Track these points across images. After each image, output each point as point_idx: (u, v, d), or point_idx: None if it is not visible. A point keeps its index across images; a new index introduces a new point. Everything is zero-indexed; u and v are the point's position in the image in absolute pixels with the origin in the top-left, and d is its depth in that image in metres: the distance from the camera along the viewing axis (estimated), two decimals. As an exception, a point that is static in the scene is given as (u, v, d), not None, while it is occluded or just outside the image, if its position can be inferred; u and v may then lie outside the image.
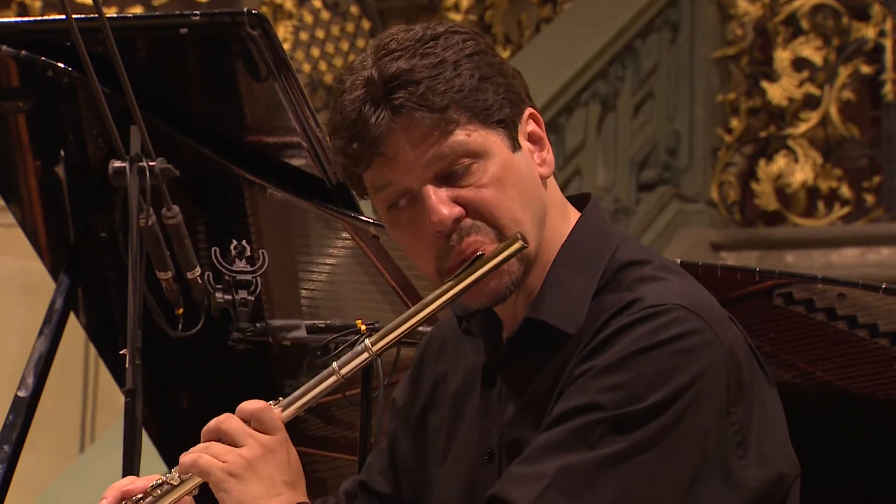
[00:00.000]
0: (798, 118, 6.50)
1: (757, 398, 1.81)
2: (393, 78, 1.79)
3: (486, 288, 1.82)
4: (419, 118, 1.79)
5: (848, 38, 6.46)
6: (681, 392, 1.74)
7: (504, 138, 1.83)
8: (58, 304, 2.66)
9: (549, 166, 1.88)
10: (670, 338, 1.76)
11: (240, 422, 1.81)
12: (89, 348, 5.58)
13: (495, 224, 1.81)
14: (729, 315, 1.85)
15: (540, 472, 1.74)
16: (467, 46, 1.82)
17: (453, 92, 1.79)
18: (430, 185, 1.81)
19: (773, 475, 1.79)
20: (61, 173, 2.79)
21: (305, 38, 6.81)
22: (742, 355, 1.81)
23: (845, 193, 6.43)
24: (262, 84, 2.58)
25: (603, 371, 1.76)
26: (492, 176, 1.81)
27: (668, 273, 1.83)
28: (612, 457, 1.74)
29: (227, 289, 2.41)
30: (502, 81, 1.84)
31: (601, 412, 1.74)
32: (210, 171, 2.67)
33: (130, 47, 2.53)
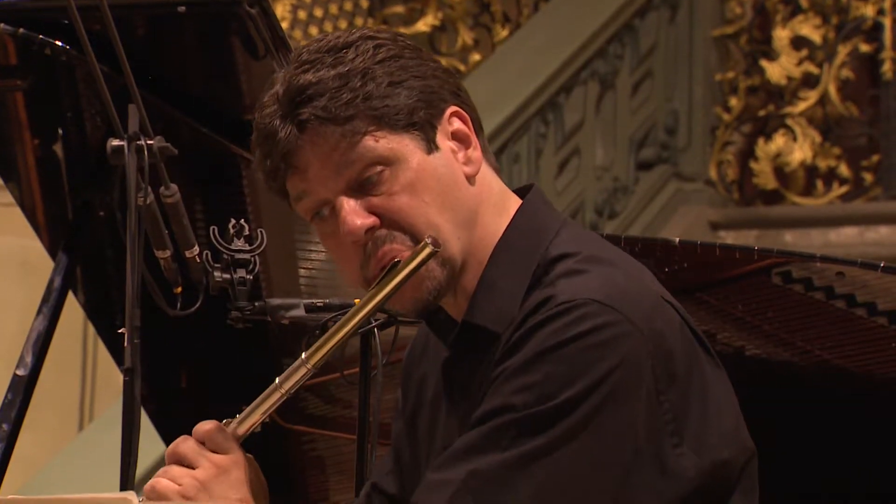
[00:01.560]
0: (797, 97, 6.49)
1: (695, 384, 1.78)
2: (299, 92, 1.80)
3: (407, 295, 1.82)
4: (325, 130, 1.80)
5: (847, 16, 6.45)
6: (594, 387, 1.72)
7: (418, 141, 1.82)
8: (56, 283, 2.66)
9: (476, 164, 1.85)
10: (580, 333, 1.73)
11: (194, 443, 1.84)
12: (88, 327, 5.58)
13: (409, 231, 1.81)
14: (669, 301, 1.82)
15: (450, 478, 1.73)
16: (379, 52, 1.82)
17: (359, 101, 1.79)
18: (342, 196, 1.81)
19: (712, 463, 1.76)
20: (59, 152, 2.79)
21: (304, 16, 6.80)
22: (674, 341, 1.78)
23: (844, 172, 6.43)
24: (260, 62, 2.57)
25: (515, 372, 1.75)
26: (403, 182, 1.81)
27: (592, 265, 1.80)
28: (524, 456, 1.72)
29: (225, 268, 2.41)
30: (416, 84, 1.82)
31: (513, 413, 1.73)
32: (208, 149, 2.67)
33: (129, 25, 2.53)
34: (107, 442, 4.03)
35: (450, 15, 6.78)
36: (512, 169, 5.79)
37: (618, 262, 1.83)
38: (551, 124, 5.99)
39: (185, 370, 2.97)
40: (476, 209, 1.84)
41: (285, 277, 2.84)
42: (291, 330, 2.61)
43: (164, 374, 2.93)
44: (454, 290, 1.85)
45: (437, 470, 1.76)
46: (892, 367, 2.45)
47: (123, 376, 2.19)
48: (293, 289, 2.83)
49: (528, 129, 5.87)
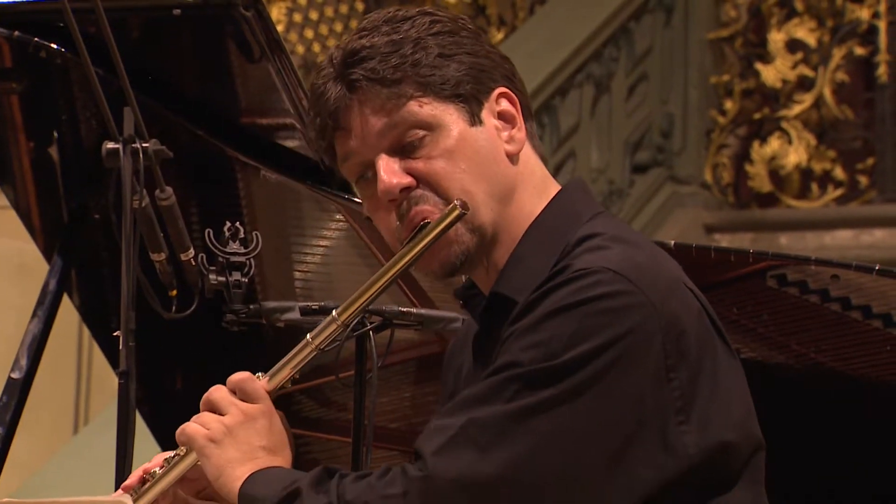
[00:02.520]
0: (792, 100, 6.50)
1: (707, 368, 1.81)
2: (352, 54, 1.88)
3: (435, 257, 1.87)
4: (372, 91, 1.87)
5: (842, 19, 6.45)
6: (599, 350, 1.75)
7: (462, 112, 1.88)
8: (51, 286, 2.66)
9: (518, 143, 1.91)
10: (591, 297, 1.77)
11: (226, 391, 1.89)
12: (83, 330, 5.57)
13: (443, 194, 1.86)
14: (686, 284, 1.85)
15: (450, 423, 1.77)
16: (435, 27, 1.89)
17: (408, 66, 1.86)
18: (382, 155, 1.87)
19: (714, 443, 1.78)
20: (55, 154, 2.79)
21: (299, 19, 6.80)
22: (689, 323, 1.80)
23: (839, 175, 6.44)
24: (255, 65, 2.58)
25: (525, 331, 1.79)
26: (443, 148, 1.87)
27: (615, 243, 1.85)
28: (524, 409, 1.75)
29: (220, 270, 2.41)
30: (466, 59, 1.88)
31: (519, 368, 1.77)
32: (203, 152, 2.67)
33: (124, 28, 2.53)
34: (102, 444, 4.03)
35: (445, 18, 6.78)
36: (507, 172, 5.79)
37: (644, 246, 1.88)
38: (547, 127, 5.99)
39: (180, 373, 2.97)
40: (514, 186, 1.90)
41: (280, 280, 2.84)
42: (287, 333, 2.61)
43: (159, 376, 2.93)
44: (486, 265, 1.90)
45: (439, 417, 1.80)
46: (886, 369, 2.45)
47: (118, 379, 2.19)
48: (288, 291, 2.83)
49: (524, 131, 5.87)
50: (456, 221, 1.84)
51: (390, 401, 2.82)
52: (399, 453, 2.88)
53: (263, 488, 1.82)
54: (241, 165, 2.70)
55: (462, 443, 1.75)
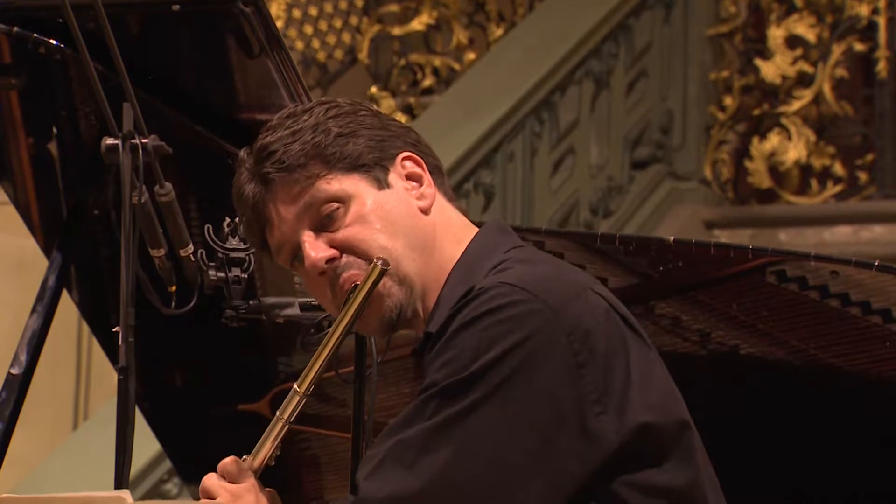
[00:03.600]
0: (791, 96, 6.49)
1: (619, 360, 1.90)
2: (260, 151, 2.05)
3: (372, 315, 2.02)
4: (283, 181, 2.03)
5: (841, 15, 6.45)
6: (502, 356, 1.87)
7: (369, 179, 2.03)
8: (51, 282, 2.66)
9: (429, 199, 2.05)
10: (489, 310, 1.89)
11: (216, 477, 2.04)
12: (82, 326, 5.58)
13: (365, 256, 2.01)
14: (596, 289, 1.95)
15: (378, 450, 1.90)
16: (331, 111, 2.05)
17: (309, 148, 2.02)
18: (304, 232, 2.02)
19: (634, 425, 1.87)
20: (54, 151, 2.79)
21: (298, 15, 6.79)
22: (593, 322, 1.90)
23: (838, 171, 6.44)
24: (254, 61, 2.57)
25: (436, 354, 1.92)
26: (355, 214, 2.02)
27: (517, 263, 1.97)
28: (442, 422, 1.87)
29: (220, 266, 2.41)
30: (365, 133, 2.04)
31: (434, 388, 1.89)
32: (203, 148, 2.67)
33: (123, 24, 2.52)
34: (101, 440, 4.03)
35: (444, 14, 6.78)
36: (507, 168, 5.79)
37: (549, 263, 2.02)
38: (546, 123, 5.99)
39: (179, 369, 2.97)
40: (433, 237, 2.04)
41: (280, 276, 2.84)
42: (286, 328, 2.61)
43: (158, 372, 2.92)
44: (422, 316, 2.03)
45: (372, 447, 1.93)
46: (886, 365, 2.45)
47: (118, 375, 2.19)
48: (288, 287, 2.83)
49: (523, 127, 5.87)
50: (381, 277, 1.98)
51: (389, 397, 2.82)
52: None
53: None
54: (241, 161, 2.69)
55: (389, 464, 1.88)
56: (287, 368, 2.88)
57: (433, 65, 6.76)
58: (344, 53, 6.78)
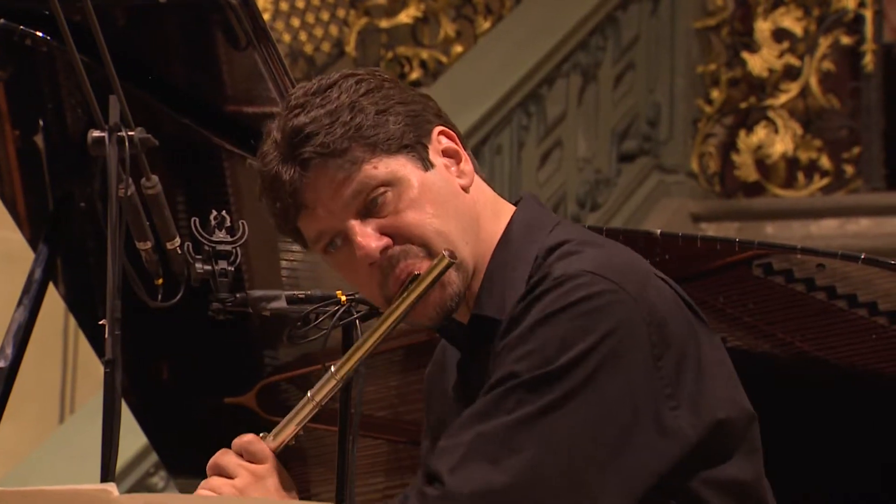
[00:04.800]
0: (778, 89, 6.50)
1: (691, 350, 1.88)
2: (295, 133, 1.95)
3: (430, 304, 1.94)
4: (326, 166, 1.93)
5: (828, 8, 6.46)
6: (590, 350, 1.82)
7: (413, 161, 1.95)
8: (37, 275, 2.65)
9: (469, 176, 1.98)
10: (574, 301, 1.84)
11: (233, 455, 1.96)
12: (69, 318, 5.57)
13: (422, 243, 1.93)
14: (658, 273, 1.92)
15: (458, 442, 1.84)
16: (362, 87, 1.95)
17: (352, 132, 1.93)
18: (353, 222, 1.93)
19: (710, 423, 1.85)
20: (40, 143, 2.78)
21: (286, 7, 6.79)
22: (666, 310, 1.87)
23: (825, 164, 6.45)
24: (241, 53, 2.57)
25: (516, 343, 1.86)
26: (407, 199, 1.94)
27: (585, 246, 1.92)
28: (526, 417, 1.82)
29: (206, 259, 2.40)
30: (402, 110, 1.95)
31: (516, 379, 1.84)
32: (190, 140, 2.66)
33: (109, 16, 2.52)
34: (88, 434, 4.02)
35: (432, 6, 6.77)
36: (494, 160, 5.79)
37: (611, 246, 1.95)
38: (533, 116, 5.99)
39: (166, 362, 2.97)
40: (476, 215, 1.98)
41: (267, 269, 2.84)
42: (273, 321, 2.60)
43: (145, 365, 2.92)
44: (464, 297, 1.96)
45: (447, 438, 1.86)
46: (871, 358, 2.46)
47: (104, 368, 2.18)
48: (275, 280, 2.83)
49: (511, 120, 5.87)
50: (446, 270, 1.91)
51: (377, 389, 2.82)
52: (385, 442, 2.88)
53: None
54: (228, 154, 2.69)
55: (473, 457, 1.81)
56: (274, 361, 2.88)
57: (420, 57, 6.76)
58: (331, 46, 6.77)
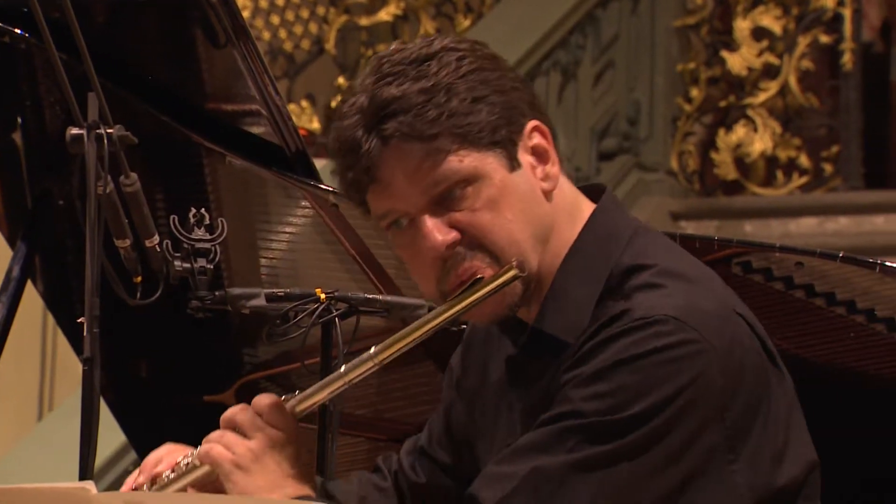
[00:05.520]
0: (757, 88, 6.51)
1: (762, 403, 1.81)
2: (383, 106, 1.81)
3: (485, 310, 1.85)
4: (409, 148, 1.81)
5: (807, 7, 6.47)
6: (666, 403, 1.75)
7: (500, 158, 1.84)
8: (15, 272, 2.64)
9: (553, 180, 1.87)
10: (656, 348, 1.76)
11: (253, 414, 1.86)
12: (47, 316, 5.55)
13: (491, 248, 1.83)
14: (741, 313, 1.84)
15: (512, 472, 1.76)
16: (463, 65, 1.82)
17: (444, 119, 1.80)
18: (425, 213, 1.83)
19: (767, 486, 1.79)
20: (18, 140, 2.77)
21: (265, 5, 6.77)
22: (743, 356, 1.80)
23: (804, 163, 6.46)
24: (220, 51, 2.56)
25: (587, 379, 1.77)
26: (486, 199, 1.82)
27: (667, 279, 1.82)
28: (588, 461, 1.74)
29: (185, 257, 2.40)
30: (498, 100, 1.84)
31: (582, 419, 1.75)
32: (169, 138, 2.66)
33: (88, 13, 2.51)
34: (66, 432, 4.01)
35: (412, 4, 6.77)
36: (474, 159, 5.79)
37: (692, 276, 1.85)
38: (513, 114, 5.99)
39: (144, 360, 2.96)
40: (552, 224, 1.87)
41: (246, 267, 2.83)
42: (252, 319, 2.60)
43: (123, 363, 2.92)
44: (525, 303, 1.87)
45: (499, 463, 1.78)
46: (850, 356, 2.46)
47: (83, 366, 2.18)
48: (254, 278, 2.82)
49: (490, 118, 5.87)
50: (511, 282, 1.81)
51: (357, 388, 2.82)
52: (365, 440, 2.88)
53: None
54: (207, 151, 2.69)
55: (524, 493, 1.74)
56: (253, 359, 2.87)
57: (400, 55, 6.75)
58: (311, 44, 6.76)
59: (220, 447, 1.85)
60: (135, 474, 1.94)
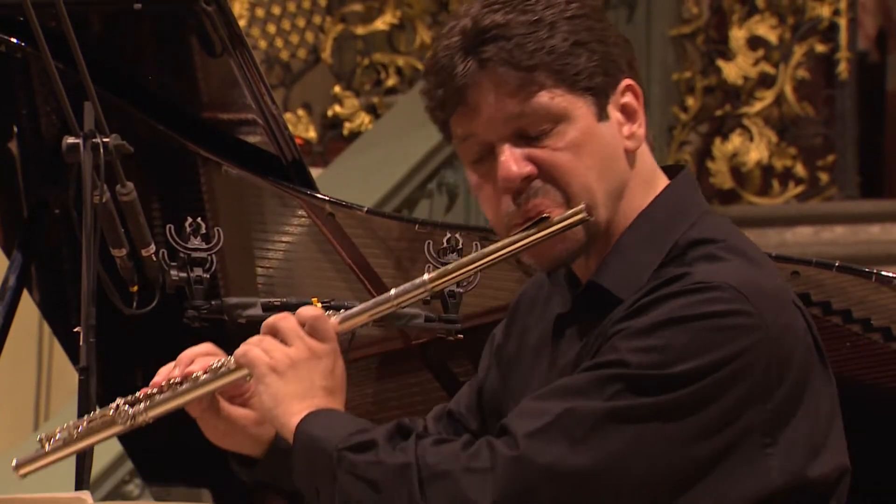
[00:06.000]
0: (753, 97, 6.52)
1: (806, 394, 1.80)
2: (486, 31, 1.81)
3: (547, 250, 1.84)
4: (504, 75, 1.81)
5: (803, 16, 6.48)
6: (711, 369, 1.74)
7: (590, 106, 1.84)
8: (11, 281, 2.64)
9: (638, 140, 1.88)
10: (711, 312, 1.75)
11: (295, 323, 1.86)
12: (43, 325, 5.54)
13: (565, 189, 1.83)
14: (798, 306, 1.83)
15: (546, 408, 1.75)
16: (570, 8, 1.83)
17: (543, 53, 1.81)
18: (505, 142, 1.83)
19: (799, 475, 1.78)
20: (14, 149, 2.77)
21: (261, 14, 6.78)
22: (794, 345, 1.80)
23: (800, 172, 6.47)
24: (217, 60, 2.57)
25: (636, 333, 1.76)
26: (569, 140, 1.83)
27: (734, 255, 1.82)
28: (624, 412, 1.73)
29: (182, 266, 2.40)
30: (599, 48, 1.84)
31: (625, 369, 1.74)
32: (165, 147, 2.66)
33: (84, 23, 2.51)
34: (62, 441, 3.99)
35: (408, 13, 6.77)
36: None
37: (757, 259, 1.85)
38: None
39: (140, 369, 2.96)
40: (627, 184, 1.86)
41: (242, 276, 2.83)
42: (248, 329, 2.60)
43: (119, 373, 2.91)
44: (587, 253, 1.87)
45: (536, 399, 1.77)
46: (846, 366, 2.46)
47: (79, 375, 2.18)
48: (250, 287, 2.82)
49: (486, 127, 5.87)
50: (577, 224, 1.81)
51: (352, 397, 2.80)
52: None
53: (326, 430, 1.80)
54: (203, 161, 2.69)
55: (557, 431, 1.73)
56: (249, 368, 2.87)
57: (397, 64, 6.75)
58: (307, 52, 6.77)
59: (259, 350, 1.86)
60: (170, 366, 1.94)
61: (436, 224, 2.67)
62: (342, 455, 1.77)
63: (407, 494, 1.72)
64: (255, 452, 1.95)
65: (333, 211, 2.63)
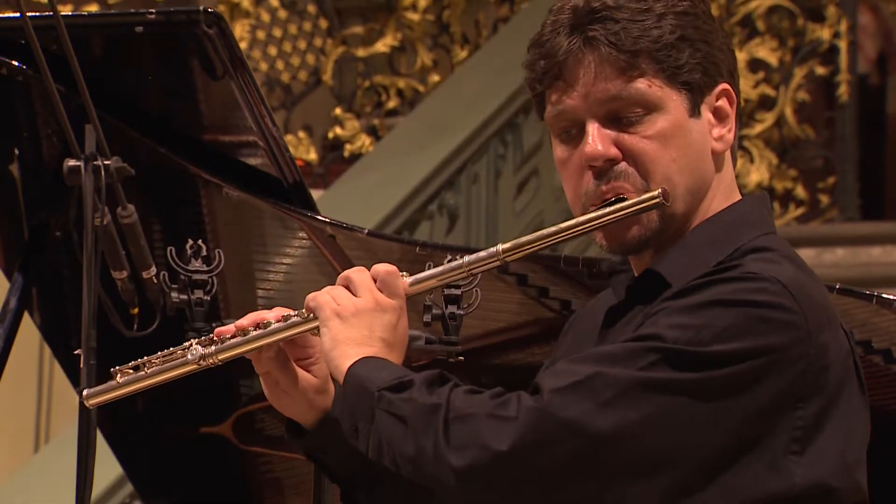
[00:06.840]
0: (754, 119, 6.53)
1: (839, 407, 1.80)
2: (596, 11, 1.86)
3: (621, 232, 1.87)
4: (607, 55, 1.85)
5: (803, 39, 6.50)
6: (746, 356, 1.74)
7: (685, 100, 1.88)
8: (12, 304, 2.64)
9: (726, 143, 1.92)
10: (756, 301, 1.76)
11: (367, 276, 1.91)
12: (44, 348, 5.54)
13: (646, 177, 1.86)
14: (845, 330, 1.84)
15: (576, 370, 1.76)
16: (681, 5, 1.88)
17: (648, 41, 1.85)
18: (596, 121, 1.86)
19: (819, 485, 1.78)
20: (15, 171, 2.78)
21: (262, 36, 6.79)
22: (834, 360, 1.80)
23: (800, 194, 6.47)
24: (218, 83, 2.57)
25: (678, 311, 1.78)
26: (658, 130, 1.86)
27: (788, 262, 1.84)
28: (653, 383, 1.74)
29: (182, 288, 2.40)
30: (703, 48, 1.88)
31: (660, 342, 1.75)
32: (166, 169, 2.66)
33: (86, 45, 2.52)
34: (62, 464, 4.00)
35: (409, 35, 6.79)
36: (471, 189, 5.80)
37: (813, 277, 1.87)
38: (510, 145, 5.99)
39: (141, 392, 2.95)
40: (709, 184, 1.90)
41: (243, 298, 2.83)
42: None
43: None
44: (653, 249, 1.89)
45: (569, 362, 1.79)
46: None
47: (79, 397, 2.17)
48: (251, 309, 2.81)
49: (487, 149, 5.88)
50: (652, 208, 1.84)
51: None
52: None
53: (373, 372, 1.83)
54: (204, 183, 2.69)
55: (583, 391, 1.74)
56: (249, 391, 2.87)
57: (397, 86, 6.77)
58: (308, 75, 6.78)
59: (328, 296, 1.90)
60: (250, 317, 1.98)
61: (436, 246, 2.67)
62: (382, 394, 1.80)
63: (432, 432, 1.75)
64: (307, 420, 1.98)
65: (334, 233, 2.63)
